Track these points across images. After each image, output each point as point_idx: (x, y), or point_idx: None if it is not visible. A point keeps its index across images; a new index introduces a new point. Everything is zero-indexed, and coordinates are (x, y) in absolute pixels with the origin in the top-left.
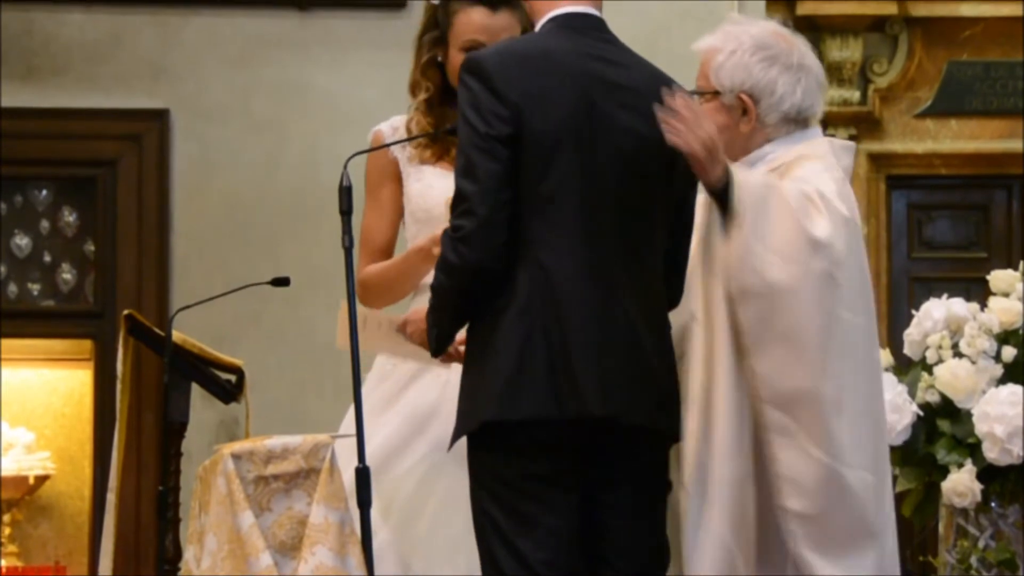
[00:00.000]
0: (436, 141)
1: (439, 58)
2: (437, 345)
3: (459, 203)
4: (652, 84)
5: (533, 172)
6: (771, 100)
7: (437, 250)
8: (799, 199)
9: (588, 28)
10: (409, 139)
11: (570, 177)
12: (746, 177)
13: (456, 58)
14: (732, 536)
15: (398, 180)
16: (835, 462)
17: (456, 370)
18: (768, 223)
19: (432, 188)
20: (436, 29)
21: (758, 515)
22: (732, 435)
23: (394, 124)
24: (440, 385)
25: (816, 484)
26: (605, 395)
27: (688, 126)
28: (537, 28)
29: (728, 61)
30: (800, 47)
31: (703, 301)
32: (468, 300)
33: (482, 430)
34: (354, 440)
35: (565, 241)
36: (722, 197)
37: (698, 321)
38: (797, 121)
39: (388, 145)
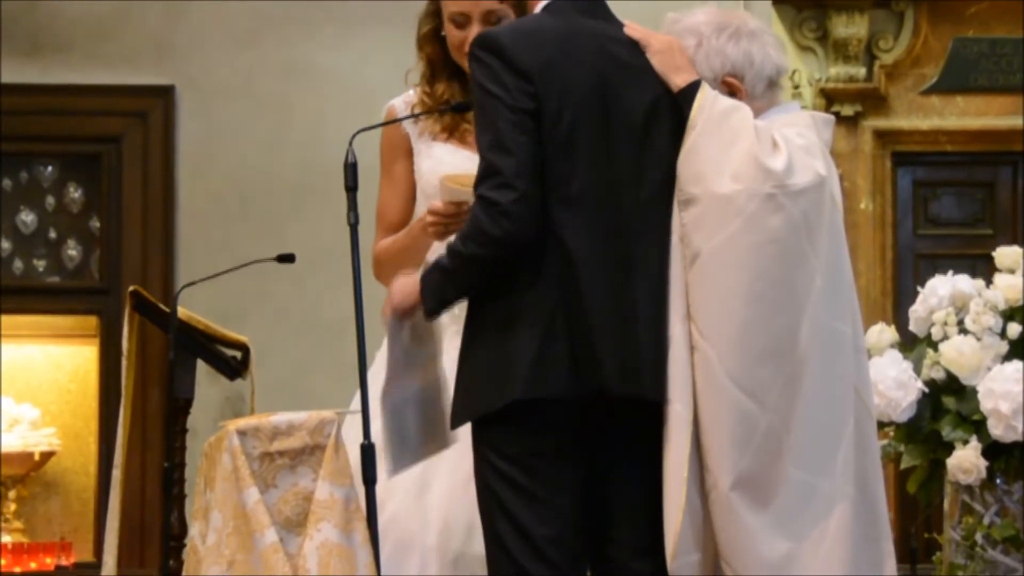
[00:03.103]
0: (443, 116)
1: (440, 31)
2: (440, 308)
3: (492, 176)
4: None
5: (552, 151)
6: (753, 70)
7: (429, 218)
8: (765, 131)
9: (591, 8)
10: (413, 116)
11: (586, 155)
12: (715, 92)
13: (448, 29)
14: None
15: (411, 155)
16: (733, 384)
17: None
18: (724, 137)
19: (442, 164)
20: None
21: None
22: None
23: (407, 99)
24: (447, 363)
25: (710, 395)
26: (622, 373)
27: (646, 32)
28: (537, 10)
29: (698, 53)
30: (741, 15)
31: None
32: (494, 272)
33: (507, 408)
34: (357, 416)
35: (583, 219)
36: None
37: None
38: (777, 83)
39: (391, 123)
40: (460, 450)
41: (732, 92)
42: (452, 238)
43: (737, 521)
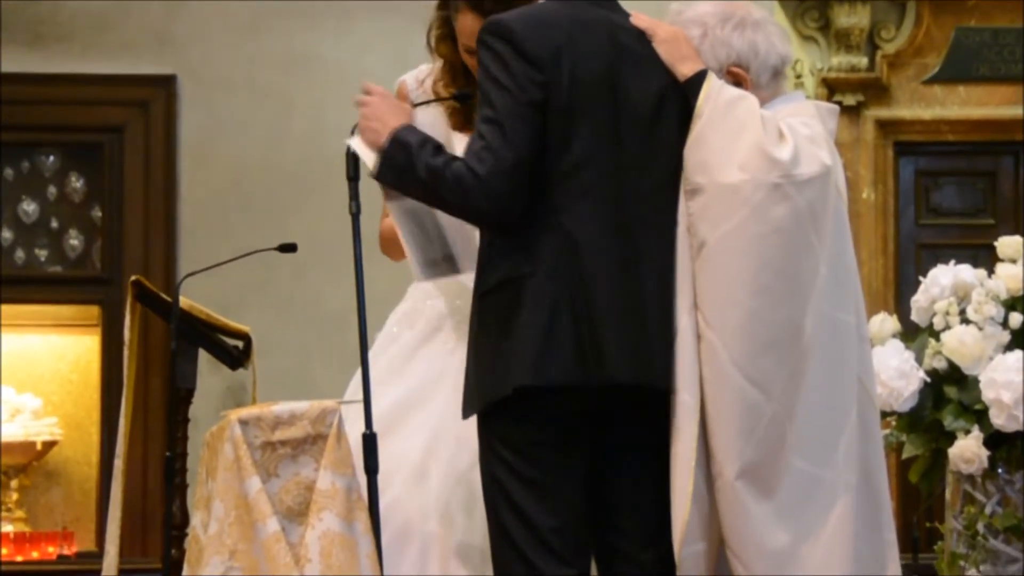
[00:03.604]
0: (457, 111)
1: (453, 34)
2: (387, 183)
3: (491, 156)
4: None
5: (558, 138)
6: (758, 60)
7: None
8: (771, 121)
9: None
10: (422, 103)
11: (594, 144)
12: (722, 82)
13: (464, 56)
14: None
15: None
16: (739, 374)
17: (462, 342)
18: (731, 127)
19: None
20: (447, 9)
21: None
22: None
23: (419, 76)
24: (446, 353)
25: (716, 384)
26: (629, 362)
27: (652, 22)
28: None
29: (704, 44)
30: (746, 5)
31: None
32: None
33: (514, 395)
34: (359, 405)
35: (589, 208)
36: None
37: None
38: (781, 73)
39: (415, 105)
40: (460, 438)
41: (737, 82)
42: (440, 156)
43: (742, 510)
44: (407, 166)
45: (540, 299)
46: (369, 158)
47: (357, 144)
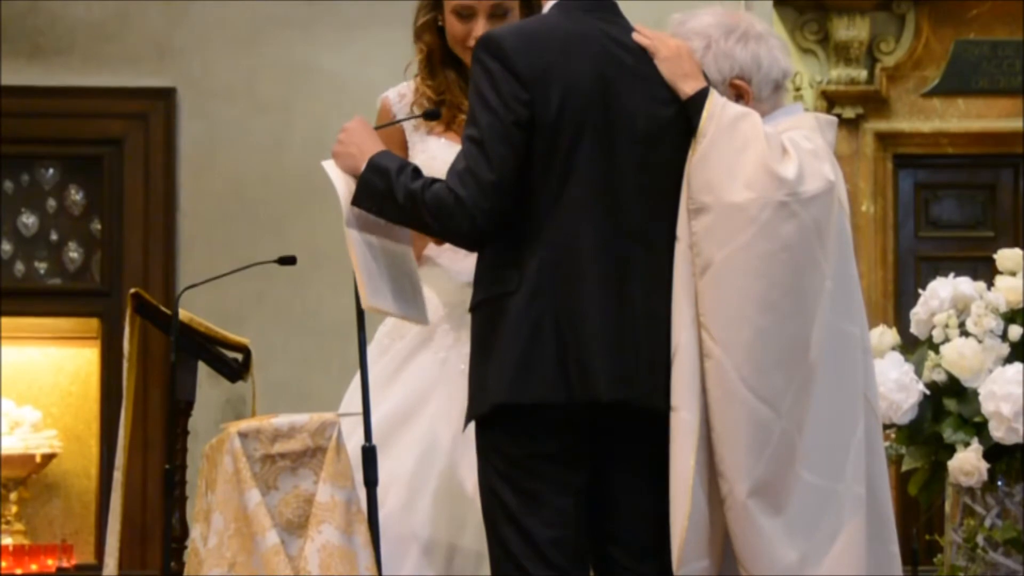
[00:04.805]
0: (434, 117)
1: (439, 21)
2: (364, 208)
3: (473, 178)
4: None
5: (549, 155)
6: (761, 73)
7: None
8: (774, 138)
9: (601, 10)
10: (402, 119)
11: (586, 160)
12: (724, 99)
13: (451, 21)
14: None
15: (405, 148)
16: (748, 392)
17: (454, 349)
18: (735, 145)
19: (435, 160)
20: None
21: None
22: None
23: (400, 91)
24: (438, 363)
25: (727, 406)
26: (614, 380)
27: (655, 37)
28: (546, 8)
29: (707, 56)
30: (748, 17)
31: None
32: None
33: (492, 412)
34: (354, 417)
35: (579, 224)
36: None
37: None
38: (782, 86)
39: (389, 124)
40: (452, 449)
41: (739, 95)
42: (418, 180)
43: (753, 527)
44: (386, 191)
45: (522, 317)
46: (339, 183)
47: (331, 167)
